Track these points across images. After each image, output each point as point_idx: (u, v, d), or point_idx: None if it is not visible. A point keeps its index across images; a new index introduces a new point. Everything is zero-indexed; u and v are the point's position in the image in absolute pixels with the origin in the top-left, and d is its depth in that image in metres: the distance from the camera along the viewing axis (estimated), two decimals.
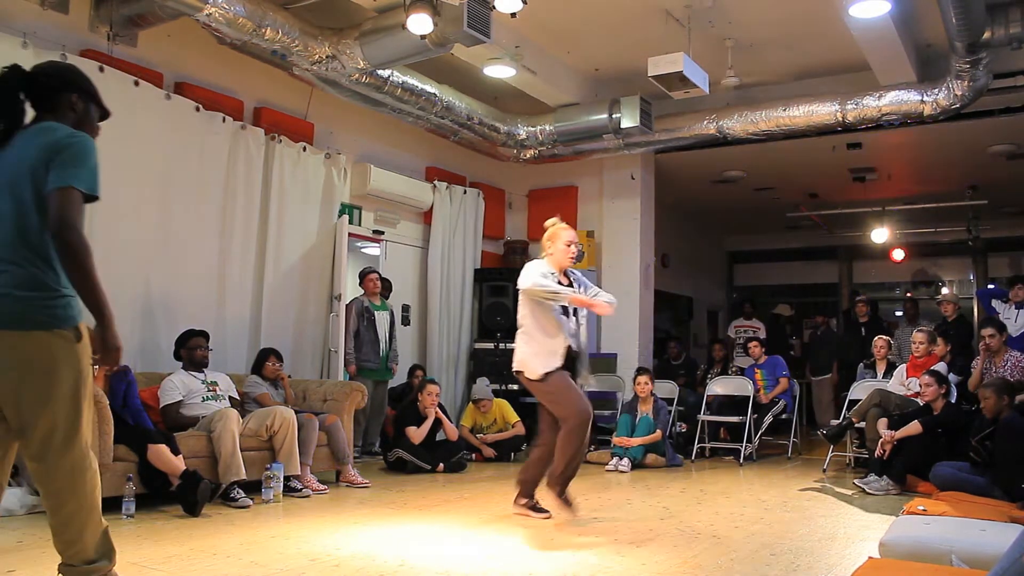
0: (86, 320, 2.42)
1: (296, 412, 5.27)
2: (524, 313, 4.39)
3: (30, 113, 2.57)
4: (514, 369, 4.43)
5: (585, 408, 4.28)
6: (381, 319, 7.05)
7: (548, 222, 4.67)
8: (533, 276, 4.30)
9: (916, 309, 9.34)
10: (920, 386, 5.82)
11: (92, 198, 2.35)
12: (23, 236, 2.33)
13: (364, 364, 6.87)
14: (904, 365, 6.59)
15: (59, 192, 2.28)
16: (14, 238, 2.33)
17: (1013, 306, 6.90)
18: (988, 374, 5.85)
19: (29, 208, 2.33)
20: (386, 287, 7.49)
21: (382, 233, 7.85)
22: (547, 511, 4.36)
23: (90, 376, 2.46)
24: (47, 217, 2.30)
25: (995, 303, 7.07)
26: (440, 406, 6.54)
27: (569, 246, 4.46)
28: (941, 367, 6.19)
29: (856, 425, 6.35)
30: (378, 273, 7.19)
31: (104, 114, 2.63)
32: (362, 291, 7.08)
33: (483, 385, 7.19)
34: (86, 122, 2.54)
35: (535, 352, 4.32)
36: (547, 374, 4.27)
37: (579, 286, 4.52)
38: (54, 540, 2.49)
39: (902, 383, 6.40)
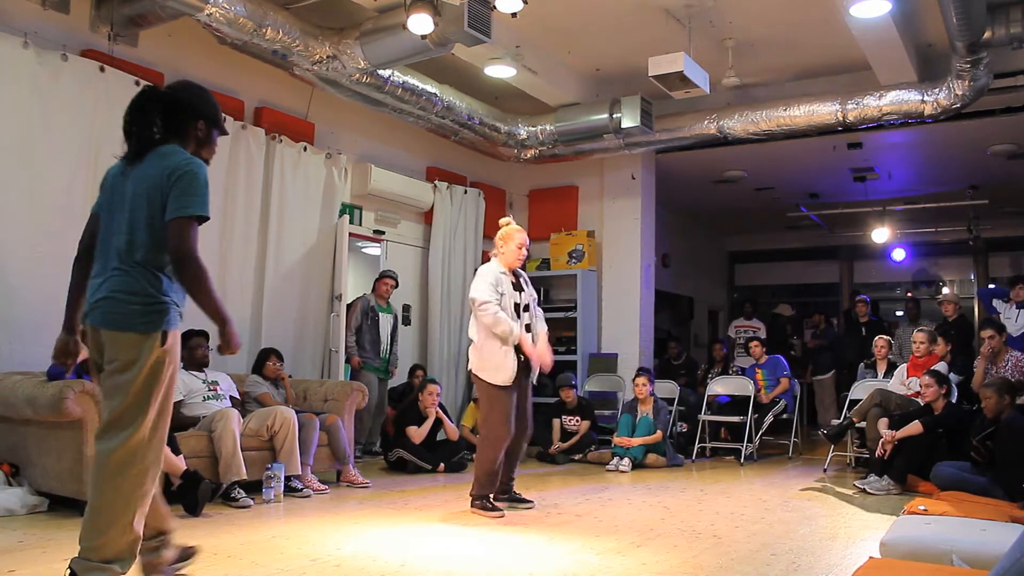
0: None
1: (297, 412, 5.27)
2: (473, 322, 4.61)
3: None
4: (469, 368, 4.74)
5: (503, 435, 4.48)
6: (384, 320, 7.08)
7: (502, 221, 4.89)
8: (483, 290, 4.51)
9: (917, 309, 9.34)
10: (920, 386, 5.82)
11: (204, 219, 2.63)
12: (131, 247, 2.62)
13: (366, 361, 6.89)
14: (905, 365, 6.59)
15: (176, 223, 2.58)
16: (125, 249, 2.62)
17: (1014, 306, 6.90)
18: (989, 374, 5.85)
19: (140, 224, 2.62)
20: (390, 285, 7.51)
21: (383, 233, 7.85)
22: (501, 510, 4.48)
23: (166, 383, 2.62)
24: (156, 235, 2.60)
25: (996, 303, 7.07)
26: (441, 406, 6.54)
27: (520, 248, 4.69)
28: (942, 367, 6.19)
29: (857, 425, 6.35)
30: (395, 280, 7.20)
31: (224, 133, 2.90)
32: (371, 290, 7.10)
33: None
34: (205, 146, 2.83)
35: (485, 364, 4.53)
36: (493, 387, 4.50)
37: (528, 286, 4.78)
38: (81, 529, 2.59)
39: (903, 383, 6.40)
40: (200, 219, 2.62)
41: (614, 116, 7.23)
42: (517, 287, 4.67)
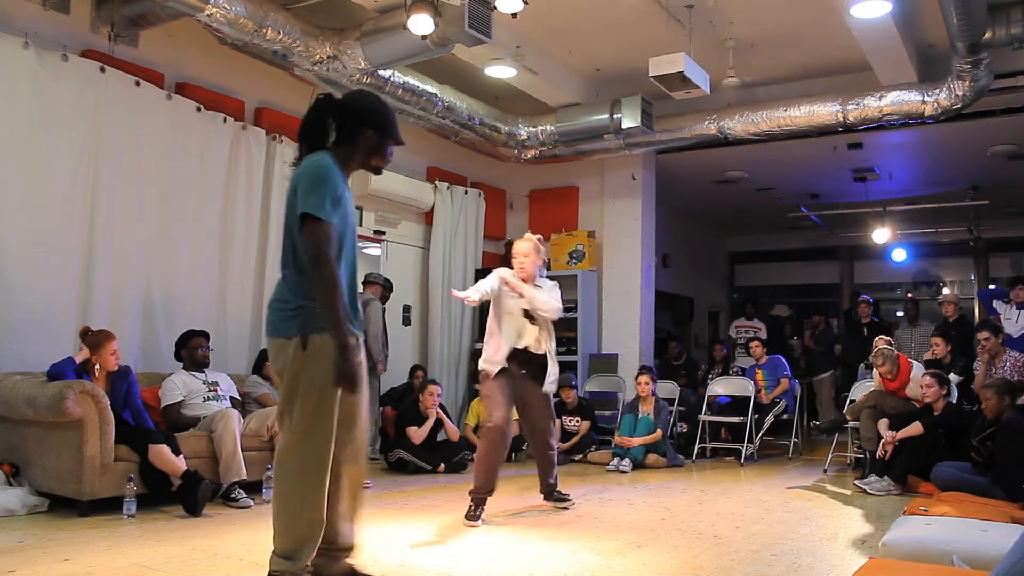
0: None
1: None
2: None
3: None
4: None
5: (496, 421, 4.42)
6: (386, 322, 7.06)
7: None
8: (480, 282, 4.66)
9: (917, 309, 9.34)
10: (921, 387, 5.82)
11: (319, 220, 2.63)
12: (284, 254, 2.74)
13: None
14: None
15: (307, 220, 2.59)
16: (282, 256, 2.75)
17: (1014, 306, 6.89)
18: (988, 375, 5.84)
19: (289, 223, 2.69)
20: (387, 288, 7.48)
21: (383, 233, 7.85)
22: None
23: (315, 384, 2.64)
24: (295, 239, 2.67)
25: (996, 303, 7.06)
26: (441, 406, 6.54)
27: (515, 258, 4.72)
28: (919, 368, 6.18)
29: (850, 423, 6.35)
30: (387, 287, 7.18)
31: (399, 143, 2.87)
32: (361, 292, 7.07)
33: None
34: (375, 155, 2.82)
35: (484, 354, 4.60)
36: (483, 373, 4.55)
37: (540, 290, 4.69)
38: None
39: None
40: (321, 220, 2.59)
41: (614, 116, 7.23)
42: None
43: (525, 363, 4.59)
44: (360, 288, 7.09)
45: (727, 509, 4.87)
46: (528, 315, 4.58)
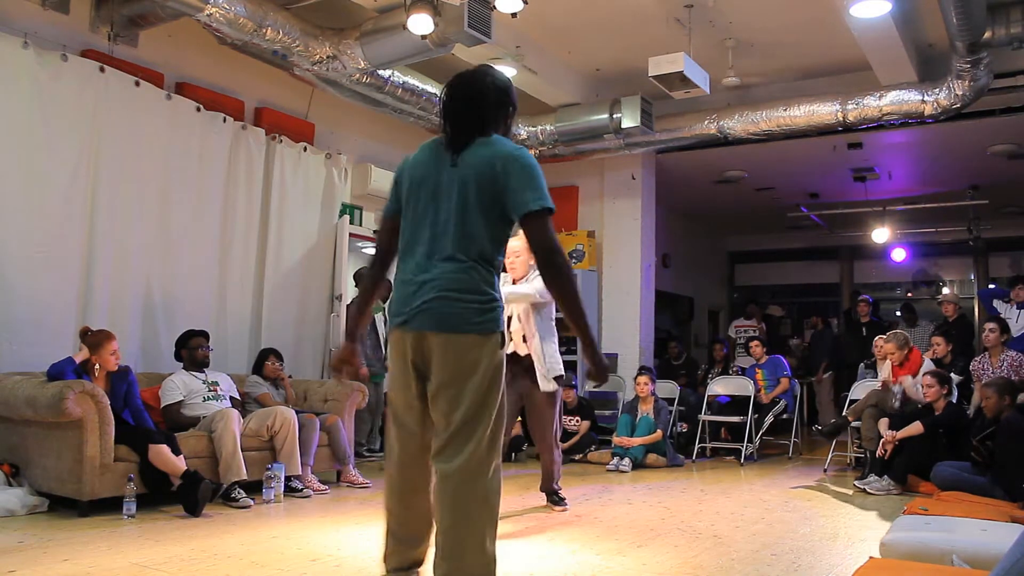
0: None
1: (297, 412, 5.27)
2: None
3: None
4: None
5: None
6: (379, 320, 7.07)
7: None
8: None
9: (913, 315, 9.31)
10: (922, 386, 5.82)
11: (552, 212, 2.40)
12: (465, 242, 2.38)
13: (368, 367, 6.87)
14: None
15: (539, 215, 2.35)
16: (458, 244, 2.38)
17: (1014, 306, 6.89)
18: (986, 374, 5.85)
19: (473, 209, 2.37)
20: (387, 288, 7.47)
21: None
22: None
23: (501, 387, 2.40)
24: (492, 228, 2.40)
25: (996, 303, 7.07)
26: None
27: (507, 257, 4.61)
28: (927, 366, 6.19)
29: (852, 424, 6.35)
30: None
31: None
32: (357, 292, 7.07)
33: None
34: (509, 131, 2.62)
35: None
36: None
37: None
38: (434, 556, 2.36)
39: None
40: (550, 212, 2.38)
41: (614, 116, 7.23)
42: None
43: (512, 363, 4.51)
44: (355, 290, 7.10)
45: (727, 509, 4.87)
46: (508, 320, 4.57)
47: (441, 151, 2.50)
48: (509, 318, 4.57)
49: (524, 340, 4.61)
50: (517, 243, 4.61)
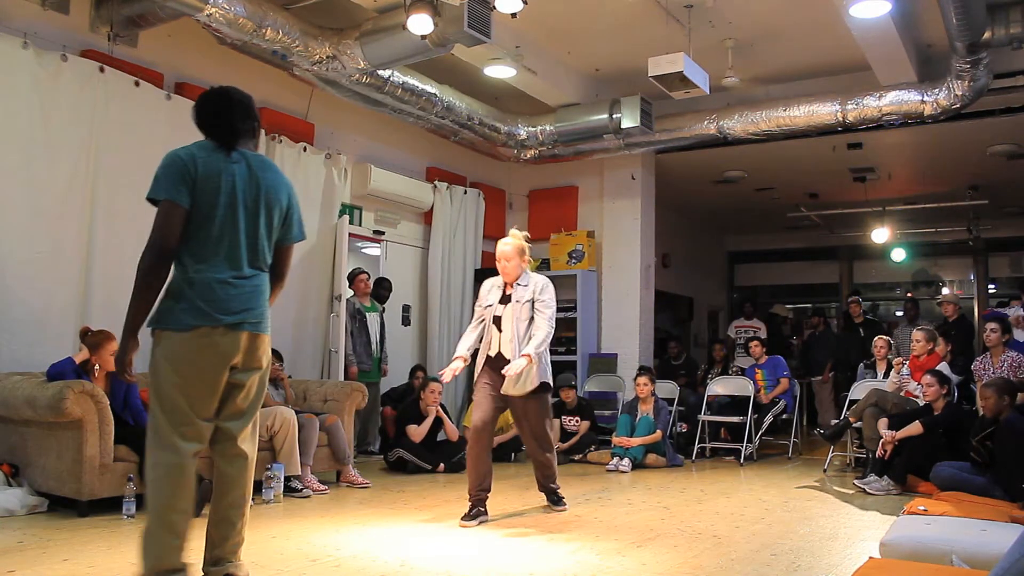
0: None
1: (296, 412, 5.28)
2: None
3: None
4: None
5: (473, 423, 4.48)
6: (372, 320, 7.08)
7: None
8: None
9: (916, 309, 9.34)
10: (922, 386, 5.82)
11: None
12: (265, 251, 2.76)
13: (358, 366, 6.87)
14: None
15: (292, 248, 2.87)
16: (263, 251, 2.75)
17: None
18: (987, 374, 5.85)
19: (275, 230, 2.77)
20: (387, 287, 7.49)
21: (382, 233, 7.85)
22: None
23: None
24: (271, 243, 2.78)
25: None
26: (441, 406, 6.54)
27: (498, 261, 4.64)
28: (943, 367, 6.19)
29: (854, 425, 6.36)
30: (367, 274, 7.19)
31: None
32: (352, 292, 7.08)
33: None
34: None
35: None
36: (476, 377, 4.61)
37: (521, 298, 4.56)
38: (229, 539, 2.78)
39: (895, 380, 6.41)
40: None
41: (614, 116, 7.23)
42: (505, 299, 4.59)
43: (496, 373, 4.49)
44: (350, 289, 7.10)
45: (727, 509, 4.87)
46: (496, 323, 4.56)
47: (213, 154, 2.68)
48: (497, 318, 4.55)
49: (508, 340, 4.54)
50: (507, 247, 4.58)
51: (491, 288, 4.67)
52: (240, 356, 2.65)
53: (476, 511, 4.34)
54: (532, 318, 4.54)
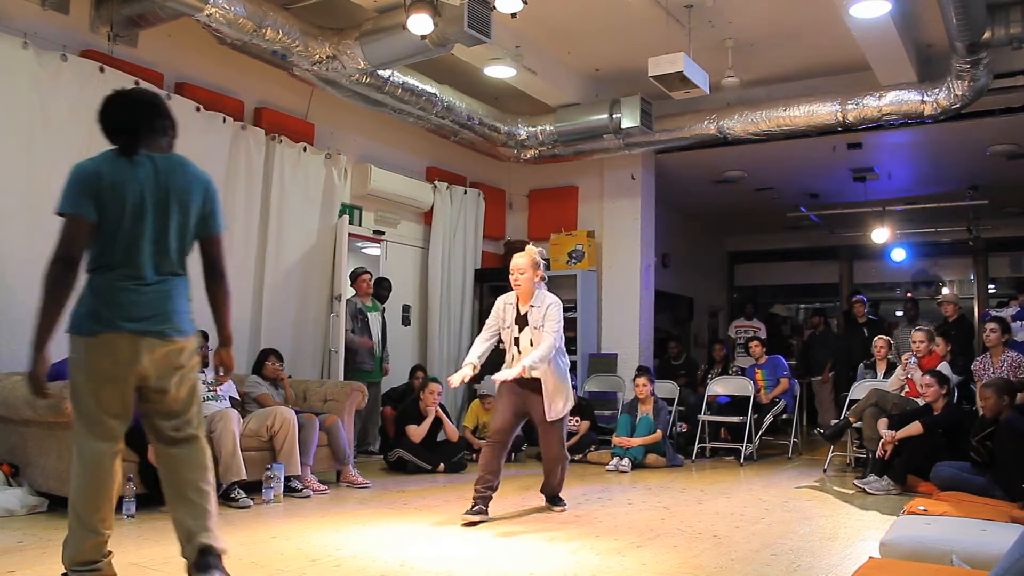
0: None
1: (296, 412, 5.27)
2: None
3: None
4: None
5: (491, 429, 4.61)
6: (374, 320, 7.07)
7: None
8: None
9: (916, 309, 9.33)
10: (921, 386, 5.82)
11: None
12: (180, 254, 2.76)
13: (360, 366, 6.87)
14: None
15: (221, 238, 2.83)
16: (177, 254, 2.75)
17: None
18: (987, 374, 5.85)
19: (190, 230, 2.76)
20: (387, 287, 7.49)
21: (382, 233, 7.85)
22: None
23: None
24: (189, 243, 2.77)
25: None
26: (441, 406, 6.54)
27: (511, 275, 4.54)
28: (944, 367, 6.19)
29: (854, 425, 6.36)
30: (370, 274, 7.19)
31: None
32: (353, 292, 7.08)
33: (491, 383, 7.18)
34: (174, 145, 2.91)
35: None
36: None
37: (537, 317, 4.50)
38: (209, 528, 2.91)
39: (899, 377, 6.41)
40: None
41: (614, 116, 7.23)
42: (521, 320, 4.55)
43: (521, 385, 4.53)
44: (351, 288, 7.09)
45: (727, 509, 4.87)
46: (516, 343, 4.56)
47: (119, 158, 2.70)
48: (517, 339, 4.55)
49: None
50: (522, 260, 4.52)
51: (504, 306, 4.62)
52: (148, 362, 2.65)
53: (478, 507, 4.34)
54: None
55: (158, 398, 2.72)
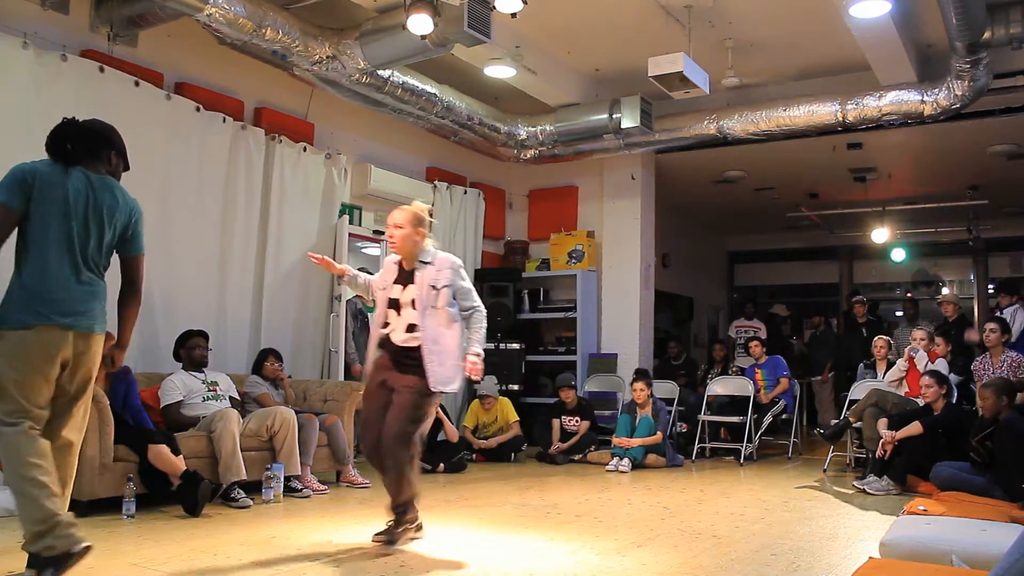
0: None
1: (296, 412, 5.27)
2: None
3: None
4: None
5: (366, 415, 3.82)
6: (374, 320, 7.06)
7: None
8: None
9: (916, 309, 9.34)
10: (921, 386, 5.82)
11: None
12: (101, 257, 3.09)
13: (360, 365, 6.87)
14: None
15: (141, 259, 3.21)
16: (98, 256, 3.07)
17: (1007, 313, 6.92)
18: (987, 374, 5.85)
19: (111, 244, 3.10)
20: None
21: (382, 233, 7.84)
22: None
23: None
24: (107, 255, 3.11)
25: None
26: (441, 406, 6.53)
27: (387, 227, 3.94)
28: (941, 365, 6.19)
29: (854, 425, 6.36)
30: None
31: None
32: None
33: (490, 383, 7.20)
34: (118, 175, 3.26)
35: None
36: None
37: (430, 280, 3.87)
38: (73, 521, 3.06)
39: (900, 369, 6.43)
40: None
41: (614, 116, 7.23)
42: (405, 279, 3.87)
43: (393, 353, 3.81)
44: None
45: (726, 509, 4.87)
46: (393, 304, 3.85)
47: (55, 165, 3.06)
48: (394, 301, 3.85)
49: (408, 331, 3.79)
50: (401, 213, 3.91)
51: (388, 265, 4.00)
52: (71, 354, 2.93)
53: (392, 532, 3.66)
54: (446, 307, 3.88)
55: (65, 388, 2.98)
